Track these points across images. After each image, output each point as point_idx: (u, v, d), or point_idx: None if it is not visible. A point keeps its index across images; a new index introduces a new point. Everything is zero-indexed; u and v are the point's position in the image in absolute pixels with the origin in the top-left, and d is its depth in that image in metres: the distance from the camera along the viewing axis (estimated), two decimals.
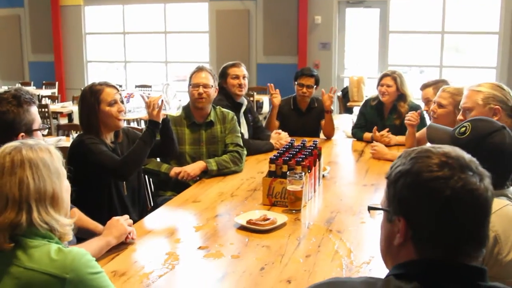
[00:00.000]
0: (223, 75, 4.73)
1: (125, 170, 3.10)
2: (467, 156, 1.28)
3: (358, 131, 5.15)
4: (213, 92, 4.00)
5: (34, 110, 2.58)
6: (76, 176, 3.24)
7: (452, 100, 3.46)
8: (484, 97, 2.81)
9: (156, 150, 3.36)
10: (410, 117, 4.28)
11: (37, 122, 2.59)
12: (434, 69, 10.75)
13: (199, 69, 4.05)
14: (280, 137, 4.75)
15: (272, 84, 5.17)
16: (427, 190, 1.22)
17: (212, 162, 3.82)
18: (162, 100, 3.19)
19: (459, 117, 2.96)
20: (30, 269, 1.62)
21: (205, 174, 3.79)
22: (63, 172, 1.80)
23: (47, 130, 2.69)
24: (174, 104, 3.31)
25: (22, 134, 2.49)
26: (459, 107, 3.00)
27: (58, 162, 1.78)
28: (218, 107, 4.15)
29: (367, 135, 4.99)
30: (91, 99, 3.15)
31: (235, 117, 4.17)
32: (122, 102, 3.22)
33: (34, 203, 1.68)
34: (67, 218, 1.77)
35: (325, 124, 5.17)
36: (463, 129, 2.10)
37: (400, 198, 1.28)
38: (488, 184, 1.25)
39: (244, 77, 4.74)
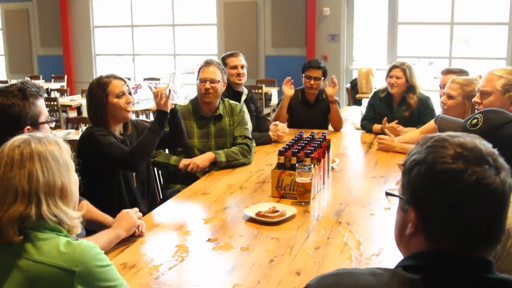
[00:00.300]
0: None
1: (134, 161, 3.10)
2: (484, 147, 1.22)
3: (367, 123, 5.12)
4: (221, 87, 3.99)
5: (40, 103, 2.55)
6: (85, 168, 3.24)
7: (462, 91, 3.45)
8: (504, 83, 2.78)
9: (166, 141, 3.37)
10: (380, 142, 4.33)
11: (44, 115, 2.57)
12: (443, 60, 10.68)
13: (207, 64, 4.03)
14: (277, 129, 4.74)
15: (290, 78, 5.13)
16: (439, 182, 1.18)
17: (221, 153, 3.82)
18: (169, 90, 3.19)
19: (475, 99, 2.94)
20: (39, 262, 1.62)
21: (214, 165, 3.79)
22: (72, 165, 1.80)
23: (54, 123, 2.67)
24: (182, 93, 3.31)
25: (28, 127, 2.46)
26: (476, 88, 2.96)
27: (66, 155, 1.78)
28: (226, 99, 4.15)
29: (377, 127, 4.97)
30: (99, 91, 3.15)
31: (243, 109, 4.16)
32: (130, 93, 3.22)
33: (43, 196, 1.68)
34: (75, 211, 1.78)
35: (332, 115, 5.16)
36: (475, 120, 2.08)
37: (412, 188, 1.24)
38: (506, 177, 1.19)
39: (242, 67, 4.76)
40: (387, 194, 1.42)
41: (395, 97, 5.00)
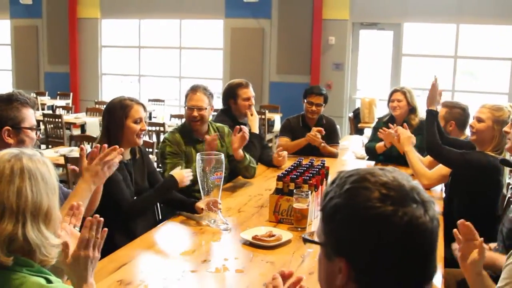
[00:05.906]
0: (233, 96, 4.69)
1: (130, 215, 3.18)
2: (408, 182, 1.14)
3: (370, 144, 5.13)
4: (208, 112, 4.02)
5: (26, 111, 2.56)
6: None
7: (491, 115, 3.50)
8: None
9: None
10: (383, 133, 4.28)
11: (28, 122, 2.56)
12: (447, 93, 10.74)
13: (193, 90, 4.03)
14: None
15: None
16: (369, 230, 1.10)
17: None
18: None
19: (506, 128, 3.01)
20: None
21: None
22: (57, 188, 1.74)
23: (38, 133, 2.67)
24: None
25: (8, 128, 2.48)
26: None
27: (54, 176, 1.73)
28: (214, 123, 4.23)
29: (380, 144, 4.95)
30: (120, 112, 3.19)
31: (230, 130, 4.21)
32: (145, 121, 3.25)
33: (30, 217, 1.60)
34: (56, 238, 1.69)
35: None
36: None
37: (338, 236, 1.14)
38: (433, 213, 1.13)
39: (253, 97, 4.75)
40: (305, 240, 1.34)
41: (398, 121, 5.02)
